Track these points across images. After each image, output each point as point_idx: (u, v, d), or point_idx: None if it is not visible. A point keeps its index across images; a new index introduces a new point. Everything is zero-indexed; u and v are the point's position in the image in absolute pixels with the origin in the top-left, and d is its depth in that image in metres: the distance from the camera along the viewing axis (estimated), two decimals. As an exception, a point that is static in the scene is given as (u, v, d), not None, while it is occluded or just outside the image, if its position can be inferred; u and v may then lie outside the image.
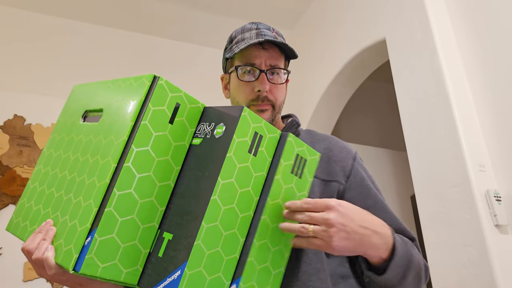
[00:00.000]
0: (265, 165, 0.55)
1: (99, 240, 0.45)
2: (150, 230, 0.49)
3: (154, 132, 0.50)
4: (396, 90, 1.66)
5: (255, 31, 0.77)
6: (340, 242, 0.51)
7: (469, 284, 1.20)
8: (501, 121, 1.28)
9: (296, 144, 0.57)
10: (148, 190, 0.49)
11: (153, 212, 0.50)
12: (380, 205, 0.71)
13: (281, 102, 0.79)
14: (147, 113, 0.50)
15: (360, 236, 0.53)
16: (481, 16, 1.39)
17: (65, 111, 0.67)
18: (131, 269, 0.47)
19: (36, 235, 0.51)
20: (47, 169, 0.61)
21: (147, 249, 0.49)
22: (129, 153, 0.48)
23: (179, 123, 0.53)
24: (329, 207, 0.52)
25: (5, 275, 1.88)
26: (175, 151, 0.52)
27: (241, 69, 0.76)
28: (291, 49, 0.76)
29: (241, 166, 0.51)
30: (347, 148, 0.77)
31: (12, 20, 2.33)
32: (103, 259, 0.45)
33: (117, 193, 0.46)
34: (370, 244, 0.55)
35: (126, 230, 0.47)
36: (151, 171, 0.50)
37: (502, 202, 1.22)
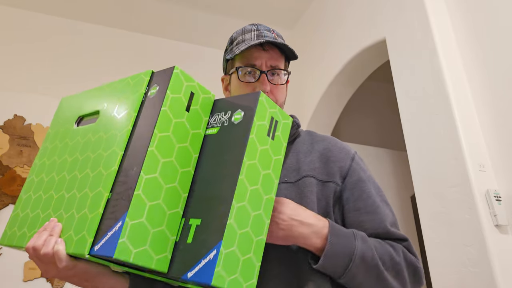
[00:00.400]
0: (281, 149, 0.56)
1: (130, 224, 0.44)
2: (176, 216, 0.49)
3: (173, 119, 0.51)
4: (396, 90, 1.66)
5: (255, 32, 0.77)
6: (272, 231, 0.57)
7: (469, 284, 1.20)
8: (501, 121, 1.28)
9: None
10: (172, 175, 0.49)
11: (177, 198, 0.50)
12: (371, 207, 0.70)
13: (282, 102, 0.80)
14: (166, 99, 0.50)
15: (287, 226, 0.58)
16: (481, 16, 1.39)
17: (55, 122, 0.67)
18: (161, 255, 0.46)
19: (41, 233, 0.51)
20: (41, 177, 0.61)
21: (174, 235, 0.49)
22: (153, 138, 0.48)
23: (194, 111, 0.54)
24: None
25: (5, 275, 1.88)
26: (192, 138, 0.53)
27: (242, 70, 0.76)
28: (291, 50, 0.77)
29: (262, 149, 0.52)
30: (346, 149, 0.77)
31: (12, 20, 2.33)
32: (135, 244, 0.44)
33: (144, 177, 0.46)
34: (298, 233, 0.59)
35: (154, 215, 0.46)
36: (173, 157, 0.50)
37: (502, 202, 1.22)
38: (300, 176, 0.72)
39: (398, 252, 0.66)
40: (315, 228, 0.60)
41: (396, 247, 0.66)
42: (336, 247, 0.60)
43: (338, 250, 0.60)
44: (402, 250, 0.67)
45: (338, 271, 0.60)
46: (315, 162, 0.74)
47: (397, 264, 0.64)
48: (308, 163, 0.73)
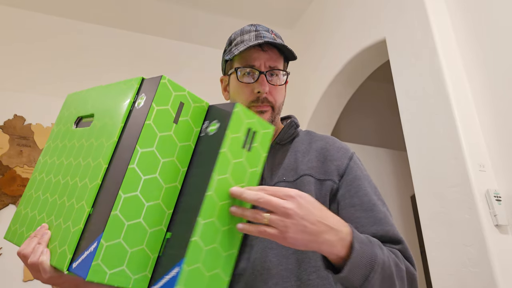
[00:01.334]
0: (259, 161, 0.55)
1: (105, 245, 0.43)
2: (158, 234, 0.48)
3: (158, 133, 0.49)
4: (396, 90, 1.66)
5: (254, 33, 0.77)
6: (295, 235, 0.49)
7: (469, 284, 1.20)
8: (501, 121, 1.28)
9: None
10: (155, 192, 0.48)
11: (160, 215, 0.48)
12: (367, 205, 0.69)
13: (281, 103, 0.79)
14: (150, 112, 0.48)
15: (315, 231, 0.51)
16: (481, 16, 1.39)
17: (59, 119, 0.67)
18: (140, 275, 0.46)
19: (31, 239, 0.51)
20: (42, 176, 0.61)
21: (156, 253, 0.48)
22: (134, 154, 0.46)
23: (183, 122, 0.52)
24: (289, 196, 0.50)
25: (5, 275, 1.88)
26: (180, 151, 0.51)
27: (241, 71, 0.76)
28: (290, 51, 0.77)
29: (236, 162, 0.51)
30: (344, 148, 0.77)
31: (12, 20, 2.33)
32: (110, 265, 0.43)
33: (122, 196, 0.45)
34: (324, 240, 0.52)
35: (133, 235, 0.45)
36: (157, 173, 0.48)
37: (502, 202, 1.22)
38: (298, 175, 0.71)
39: (401, 260, 0.64)
40: (342, 235, 0.54)
41: (398, 255, 0.64)
42: (360, 256, 0.55)
43: (361, 259, 0.55)
44: (402, 258, 0.65)
45: (357, 281, 0.56)
46: (313, 161, 0.74)
47: (401, 271, 0.62)
48: (306, 162, 0.74)
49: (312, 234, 0.50)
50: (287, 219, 0.48)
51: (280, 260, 0.64)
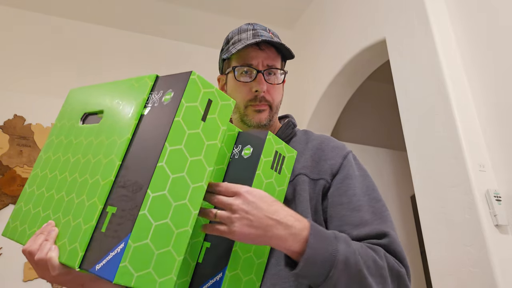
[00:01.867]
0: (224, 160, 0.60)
1: (133, 247, 0.42)
2: (184, 235, 0.47)
3: (187, 130, 0.47)
4: (396, 90, 1.66)
5: (251, 31, 0.77)
6: (241, 229, 0.50)
7: (469, 284, 1.20)
8: (501, 121, 1.28)
9: (275, 142, 0.60)
10: (182, 192, 0.47)
11: (186, 216, 0.47)
12: (355, 204, 0.67)
13: (278, 102, 0.79)
14: (180, 109, 0.47)
15: (263, 225, 0.51)
16: (481, 16, 1.39)
17: (62, 115, 0.66)
18: (165, 278, 0.44)
19: (37, 236, 0.50)
20: (45, 173, 0.60)
21: (181, 256, 0.46)
22: (163, 151, 0.45)
23: (211, 120, 0.51)
24: (237, 193, 0.52)
25: (5, 275, 1.88)
26: (207, 150, 0.50)
27: (238, 70, 0.76)
28: (288, 49, 0.77)
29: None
30: (339, 148, 0.76)
31: (12, 20, 2.33)
32: (137, 267, 0.42)
33: (151, 195, 0.43)
34: (273, 234, 0.52)
35: (160, 236, 0.44)
36: (185, 172, 0.47)
37: (502, 202, 1.22)
38: (294, 175, 0.71)
39: (381, 255, 0.60)
40: (294, 230, 0.53)
41: (378, 250, 0.61)
42: (317, 251, 0.53)
43: (318, 254, 0.53)
44: (384, 253, 0.61)
45: (318, 279, 0.53)
46: (308, 160, 0.73)
47: (381, 268, 0.58)
48: (302, 161, 0.73)
49: (259, 228, 0.51)
50: (232, 215, 0.51)
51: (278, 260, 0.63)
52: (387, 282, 0.58)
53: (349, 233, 0.63)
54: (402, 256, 0.62)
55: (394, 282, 0.59)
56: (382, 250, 0.61)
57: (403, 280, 0.60)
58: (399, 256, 0.62)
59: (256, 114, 0.75)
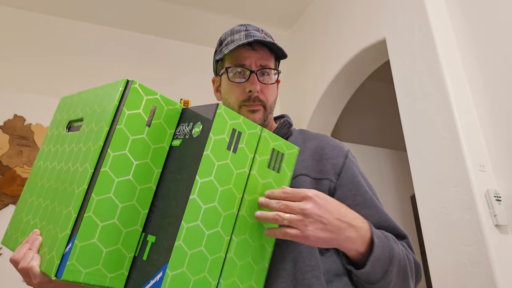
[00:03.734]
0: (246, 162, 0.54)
1: (79, 246, 0.45)
2: (134, 233, 0.49)
3: (130, 136, 0.50)
4: (396, 90, 1.66)
5: (244, 32, 0.77)
6: (316, 233, 0.51)
7: (468, 283, 1.20)
8: (501, 121, 1.28)
9: (272, 139, 0.58)
10: (129, 193, 0.49)
11: (135, 216, 0.49)
12: (370, 202, 0.70)
13: (272, 102, 0.79)
14: (122, 117, 0.49)
15: (336, 228, 0.53)
16: (481, 16, 1.39)
17: (52, 123, 0.67)
18: (116, 273, 0.47)
19: (23, 245, 0.52)
20: (36, 180, 0.61)
21: (132, 252, 0.49)
22: (106, 157, 0.47)
23: (156, 125, 0.52)
24: (306, 197, 0.52)
25: (5, 275, 1.88)
26: (154, 153, 0.52)
27: (232, 71, 0.76)
28: (280, 49, 0.77)
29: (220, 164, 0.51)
30: (339, 146, 0.77)
31: (12, 20, 2.33)
32: (85, 265, 0.45)
33: (95, 198, 0.46)
34: (346, 237, 0.55)
35: (108, 235, 0.47)
36: (130, 175, 0.49)
37: (502, 202, 1.22)
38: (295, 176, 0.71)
39: (409, 251, 0.66)
40: (362, 232, 0.57)
41: (406, 247, 0.67)
42: (381, 251, 0.58)
43: (382, 254, 0.58)
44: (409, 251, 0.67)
45: (378, 276, 0.58)
46: (307, 160, 0.73)
47: (411, 262, 0.65)
48: (301, 162, 0.73)
49: (332, 231, 0.53)
50: (306, 219, 0.51)
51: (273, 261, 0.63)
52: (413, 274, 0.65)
53: None
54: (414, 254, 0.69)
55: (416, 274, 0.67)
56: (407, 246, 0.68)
57: (420, 272, 0.68)
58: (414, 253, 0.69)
59: (250, 114, 0.75)
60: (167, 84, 2.58)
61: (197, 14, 2.63)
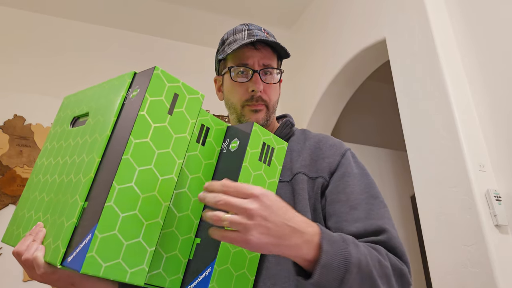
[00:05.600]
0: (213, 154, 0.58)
1: (100, 237, 0.42)
2: (155, 226, 0.47)
3: (152, 123, 0.48)
4: (396, 90, 1.66)
5: (246, 32, 0.77)
6: (259, 238, 0.45)
7: (469, 284, 1.20)
8: (501, 121, 1.28)
9: (262, 133, 0.59)
10: (150, 184, 0.47)
11: (156, 208, 0.47)
12: (353, 202, 0.66)
13: (275, 102, 0.79)
14: (144, 103, 0.47)
15: (280, 234, 0.46)
16: (481, 16, 1.39)
17: (56, 122, 0.67)
18: (137, 268, 0.45)
19: (26, 238, 0.51)
20: (39, 177, 0.61)
21: (153, 247, 0.47)
22: (128, 145, 0.45)
23: (178, 114, 0.51)
24: (252, 195, 0.45)
25: (5, 275, 1.88)
26: (176, 143, 0.50)
27: (234, 70, 0.76)
28: (283, 48, 0.77)
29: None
30: (336, 145, 0.76)
31: (12, 20, 2.33)
32: (106, 257, 0.42)
33: (117, 187, 0.44)
34: (289, 244, 0.48)
35: (128, 227, 0.44)
36: (152, 164, 0.47)
37: (502, 202, 1.22)
38: (293, 174, 0.71)
39: (383, 255, 0.59)
40: (307, 237, 0.50)
41: (380, 249, 0.59)
42: (332, 257, 0.50)
43: (333, 260, 0.50)
44: (386, 252, 0.60)
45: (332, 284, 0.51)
46: (306, 159, 0.73)
47: (385, 268, 0.57)
48: (300, 161, 0.73)
49: (276, 237, 0.46)
50: (249, 221, 0.44)
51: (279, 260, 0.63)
52: (391, 282, 0.57)
53: (347, 229, 0.63)
54: (401, 252, 0.62)
55: (398, 281, 0.58)
56: (383, 249, 0.60)
57: (405, 278, 0.59)
58: (398, 252, 0.61)
59: (253, 114, 0.75)
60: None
61: (197, 14, 2.62)
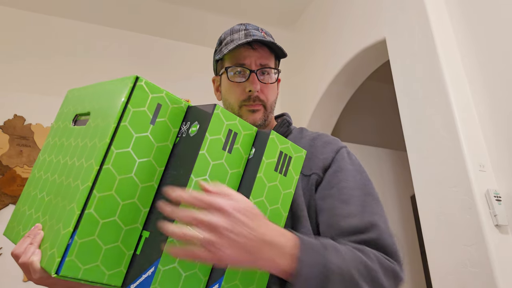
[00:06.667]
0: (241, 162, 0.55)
1: (79, 242, 0.44)
2: (134, 231, 0.49)
3: (134, 134, 0.49)
4: (396, 90, 1.66)
5: (243, 32, 0.77)
6: (231, 256, 0.42)
7: (469, 284, 1.20)
8: (501, 121, 1.28)
9: (280, 142, 0.56)
10: (130, 191, 0.49)
11: (136, 214, 0.49)
12: (344, 197, 0.65)
13: (273, 101, 0.79)
14: (126, 114, 0.49)
15: (255, 249, 0.45)
16: (481, 16, 1.39)
17: (59, 115, 0.67)
18: (114, 270, 0.47)
19: (24, 239, 0.51)
20: (40, 174, 0.61)
21: (131, 250, 0.49)
22: (109, 154, 0.47)
23: (161, 123, 0.52)
24: (220, 209, 0.43)
25: (5, 275, 1.88)
26: (157, 152, 0.51)
27: (231, 70, 0.76)
28: (280, 48, 0.76)
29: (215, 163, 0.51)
30: (331, 143, 0.75)
31: (12, 20, 2.33)
32: (84, 261, 0.45)
33: (97, 195, 0.46)
34: (265, 257, 0.46)
35: (108, 232, 0.47)
36: (133, 173, 0.49)
37: (502, 202, 1.22)
38: None
39: (371, 257, 0.57)
40: (285, 250, 0.48)
41: (367, 252, 0.57)
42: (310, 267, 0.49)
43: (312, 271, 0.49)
44: (374, 254, 0.58)
45: None
46: None
47: (372, 271, 0.55)
48: None
49: (250, 252, 0.44)
50: (218, 239, 0.42)
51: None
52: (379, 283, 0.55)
53: (338, 224, 0.62)
54: (392, 250, 0.60)
55: (390, 281, 0.57)
56: (371, 250, 0.58)
57: (398, 276, 0.58)
58: (389, 250, 0.59)
59: (250, 114, 0.75)
60: (167, 84, 2.57)
61: (197, 14, 2.63)
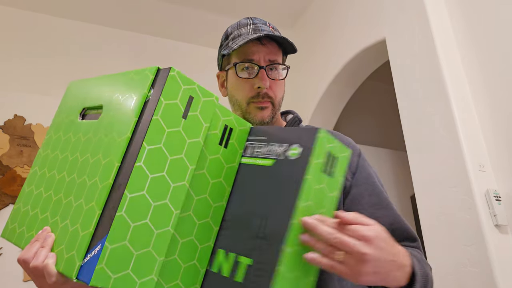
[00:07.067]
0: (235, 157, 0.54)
1: (110, 248, 0.40)
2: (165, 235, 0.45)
3: (166, 128, 0.46)
4: (396, 90, 1.66)
5: (251, 26, 0.75)
6: (367, 276, 0.46)
7: (468, 283, 1.20)
8: (501, 121, 1.28)
9: (328, 141, 0.51)
10: (162, 191, 0.45)
11: (168, 216, 0.45)
12: (385, 202, 0.69)
13: (280, 98, 0.77)
14: (158, 107, 0.45)
15: (387, 270, 0.48)
16: (481, 16, 1.39)
17: (61, 109, 0.63)
18: (146, 278, 0.43)
19: (33, 244, 0.48)
20: (44, 171, 0.57)
21: (162, 256, 0.45)
22: (141, 151, 0.43)
23: (192, 118, 0.48)
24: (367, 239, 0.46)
25: (5, 275, 1.88)
26: (189, 148, 0.48)
27: (240, 66, 0.74)
28: (290, 43, 0.75)
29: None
30: (352, 144, 0.76)
31: (12, 20, 2.33)
32: (115, 269, 0.41)
33: (128, 196, 0.42)
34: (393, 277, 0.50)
35: (139, 236, 0.43)
36: (165, 171, 0.45)
37: (502, 202, 1.22)
38: None
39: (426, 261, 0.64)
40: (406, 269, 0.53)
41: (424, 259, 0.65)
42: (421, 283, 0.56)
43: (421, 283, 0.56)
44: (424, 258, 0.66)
45: None
46: None
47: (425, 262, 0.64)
48: None
49: (384, 274, 0.48)
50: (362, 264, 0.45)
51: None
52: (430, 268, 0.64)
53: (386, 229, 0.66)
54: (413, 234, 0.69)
55: None
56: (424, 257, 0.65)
57: None
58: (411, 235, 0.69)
59: (258, 112, 0.73)
60: (167, 84, 2.58)
61: (197, 14, 2.63)
